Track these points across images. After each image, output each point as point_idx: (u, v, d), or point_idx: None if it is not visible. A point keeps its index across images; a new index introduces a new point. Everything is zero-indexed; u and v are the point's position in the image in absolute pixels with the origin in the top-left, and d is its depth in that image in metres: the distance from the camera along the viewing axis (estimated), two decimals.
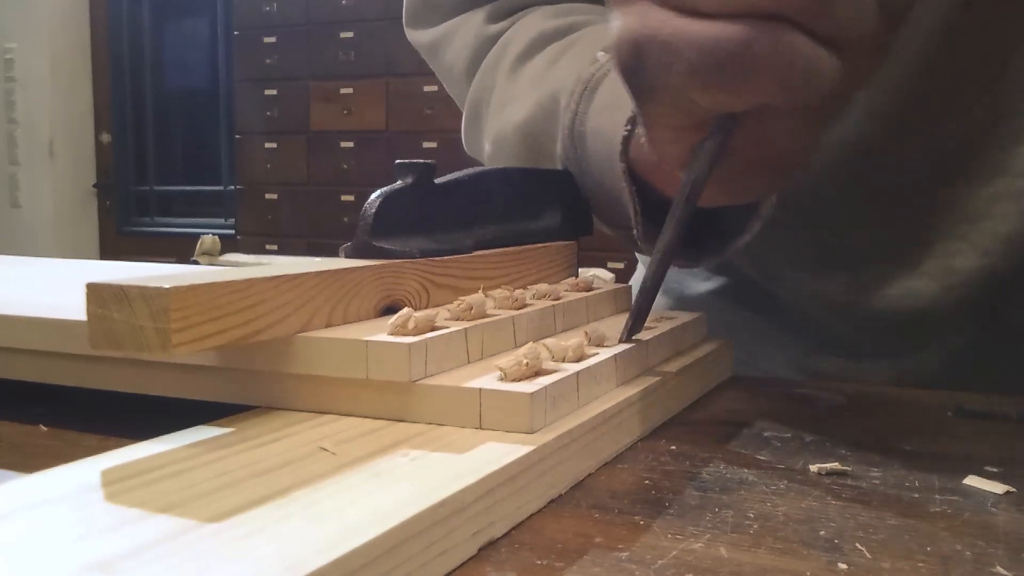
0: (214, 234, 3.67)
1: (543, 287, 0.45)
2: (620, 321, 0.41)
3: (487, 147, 0.58)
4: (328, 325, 0.35)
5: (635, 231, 0.43)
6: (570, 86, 0.50)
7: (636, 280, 0.69)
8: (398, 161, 0.42)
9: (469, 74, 0.60)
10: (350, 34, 3.56)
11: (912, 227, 0.51)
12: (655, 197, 0.43)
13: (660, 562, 0.25)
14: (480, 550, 0.26)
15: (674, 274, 0.64)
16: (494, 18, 0.59)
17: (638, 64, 0.33)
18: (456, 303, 0.38)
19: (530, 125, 0.54)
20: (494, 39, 0.59)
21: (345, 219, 3.55)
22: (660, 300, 0.65)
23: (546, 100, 0.52)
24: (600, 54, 0.49)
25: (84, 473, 0.27)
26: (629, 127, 0.43)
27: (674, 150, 0.37)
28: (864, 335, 0.54)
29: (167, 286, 0.29)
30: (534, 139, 0.54)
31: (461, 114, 0.63)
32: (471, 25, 0.60)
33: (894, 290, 0.52)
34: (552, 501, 0.30)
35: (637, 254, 0.69)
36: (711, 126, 0.35)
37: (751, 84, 0.31)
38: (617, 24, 0.34)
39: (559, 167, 0.53)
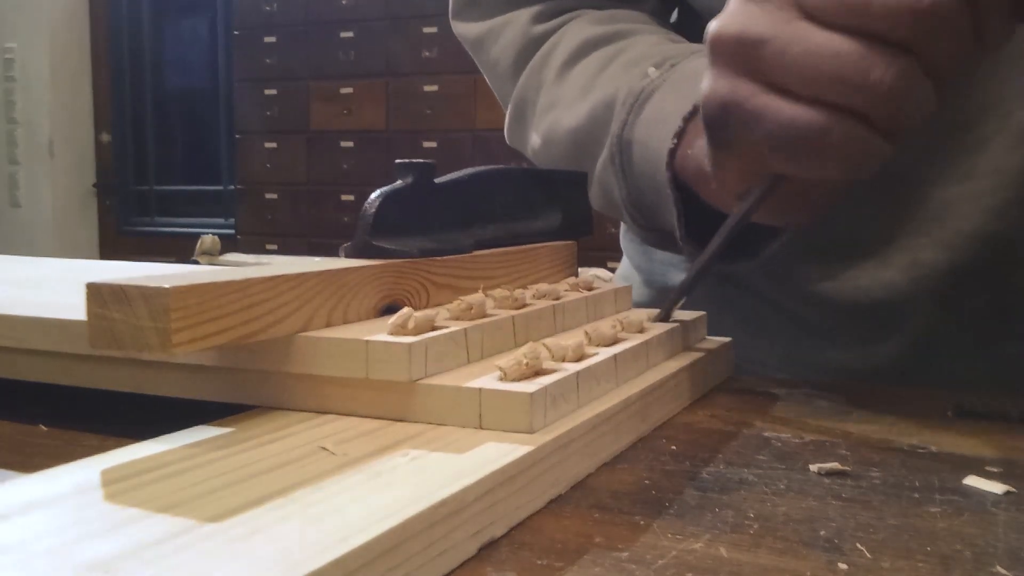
0: (214, 234, 3.67)
1: (543, 287, 0.45)
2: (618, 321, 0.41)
3: (534, 142, 0.62)
4: (328, 325, 0.35)
5: (679, 233, 0.47)
6: (621, 96, 0.53)
7: (620, 275, 0.72)
8: (398, 161, 0.42)
9: (515, 72, 0.63)
10: (350, 34, 3.56)
11: (882, 222, 0.54)
12: (696, 203, 0.47)
13: (660, 562, 0.25)
14: (480, 550, 0.26)
15: (657, 266, 0.67)
16: (540, 19, 0.62)
17: (722, 122, 0.39)
18: (456, 303, 0.38)
19: (582, 132, 0.57)
20: (540, 40, 0.61)
21: (345, 219, 3.55)
22: (643, 291, 0.68)
23: (599, 109, 0.55)
24: (651, 69, 0.53)
25: (84, 473, 0.27)
26: (675, 140, 0.46)
27: (733, 186, 0.42)
28: (836, 323, 0.57)
29: (167, 286, 0.29)
30: (584, 145, 0.57)
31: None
32: (517, 24, 0.63)
33: (864, 280, 0.54)
34: (552, 501, 0.30)
35: (624, 247, 0.72)
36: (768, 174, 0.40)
37: (818, 162, 0.37)
38: (709, 83, 0.39)
39: (598, 170, 0.55)
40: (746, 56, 0.37)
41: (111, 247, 4.37)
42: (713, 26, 0.38)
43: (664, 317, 0.46)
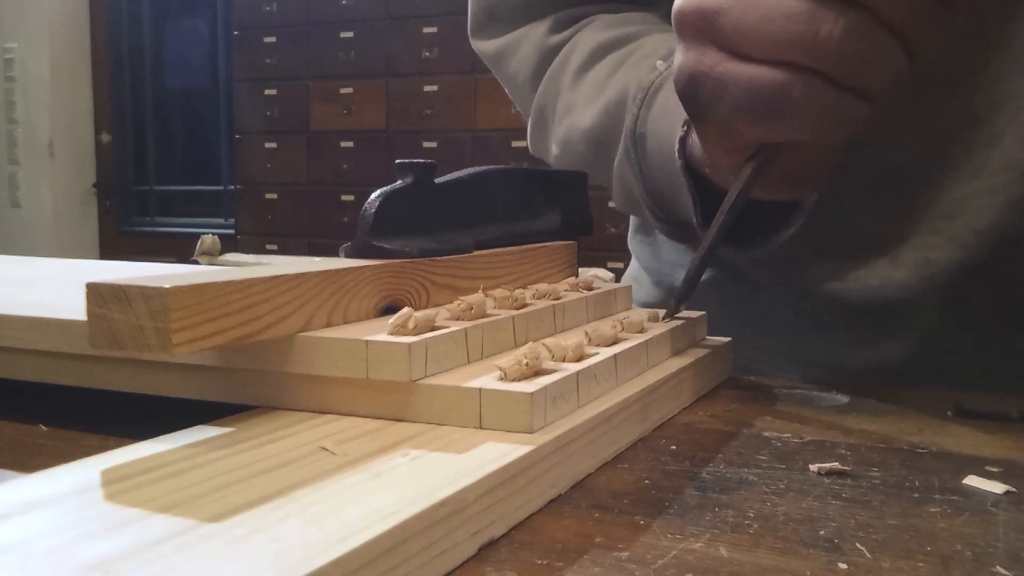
0: (214, 234, 3.67)
1: (543, 287, 0.45)
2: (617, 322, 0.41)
3: (554, 149, 0.63)
4: (328, 325, 0.35)
5: (695, 220, 0.48)
6: (632, 92, 0.54)
7: (628, 277, 0.71)
8: (398, 161, 0.42)
9: (533, 83, 0.64)
10: (350, 34, 3.56)
11: (892, 220, 0.53)
12: (710, 190, 0.47)
13: (660, 562, 0.25)
14: (480, 550, 0.26)
15: (666, 266, 0.67)
16: (556, 29, 0.63)
17: (693, 94, 0.40)
18: (456, 303, 0.38)
19: (597, 130, 0.57)
20: (556, 49, 0.63)
21: (345, 219, 3.55)
22: (652, 291, 0.68)
23: (612, 107, 0.56)
24: (659, 62, 0.54)
25: (84, 473, 0.27)
26: (685, 127, 0.47)
27: (724, 164, 0.43)
28: (843, 321, 0.57)
29: (167, 286, 0.29)
30: (600, 143, 0.57)
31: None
32: (534, 36, 0.64)
33: (874, 280, 0.54)
34: (552, 501, 0.30)
35: (632, 249, 0.72)
36: (755, 148, 0.40)
37: (785, 122, 0.37)
38: (679, 57, 0.40)
39: (615, 168, 0.56)
40: (708, 27, 0.38)
41: (111, 247, 4.36)
42: (678, 2, 0.39)
43: (675, 309, 0.47)
